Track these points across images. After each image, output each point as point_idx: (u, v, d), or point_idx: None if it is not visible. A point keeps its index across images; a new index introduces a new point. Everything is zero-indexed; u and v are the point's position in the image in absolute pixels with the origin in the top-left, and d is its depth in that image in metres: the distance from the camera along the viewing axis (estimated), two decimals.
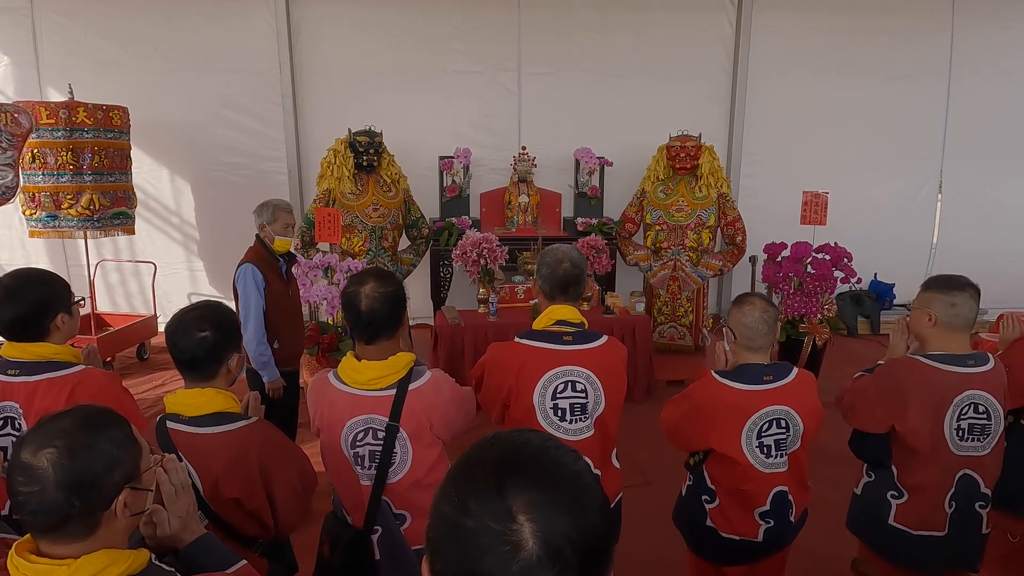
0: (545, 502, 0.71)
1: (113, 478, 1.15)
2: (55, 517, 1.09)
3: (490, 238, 4.93)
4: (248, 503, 1.69)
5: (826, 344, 4.93)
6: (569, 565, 0.69)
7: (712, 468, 2.13)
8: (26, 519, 1.11)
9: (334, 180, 5.32)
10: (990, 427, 2.12)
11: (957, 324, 2.12)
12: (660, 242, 5.76)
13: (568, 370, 2.11)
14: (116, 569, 1.11)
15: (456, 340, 4.73)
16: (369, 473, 1.88)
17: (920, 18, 6.69)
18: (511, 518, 0.70)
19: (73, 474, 1.10)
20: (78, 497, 1.10)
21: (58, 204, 5.07)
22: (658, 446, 3.57)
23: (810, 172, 6.47)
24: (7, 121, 4.17)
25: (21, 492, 1.10)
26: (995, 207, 7.03)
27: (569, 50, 6.55)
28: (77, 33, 6.01)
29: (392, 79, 6.38)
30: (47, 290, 2.03)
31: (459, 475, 0.77)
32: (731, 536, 2.11)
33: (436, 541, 0.74)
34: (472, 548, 0.70)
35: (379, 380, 1.86)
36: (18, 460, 1.12)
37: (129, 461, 1.18)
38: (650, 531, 2.83)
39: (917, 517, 2.17)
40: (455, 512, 0.73)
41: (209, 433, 1.68)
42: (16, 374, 1.94)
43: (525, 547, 0.68)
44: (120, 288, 6.50)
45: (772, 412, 2.02)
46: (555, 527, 0.69)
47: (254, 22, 6.21)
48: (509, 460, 0.76)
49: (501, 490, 0.71)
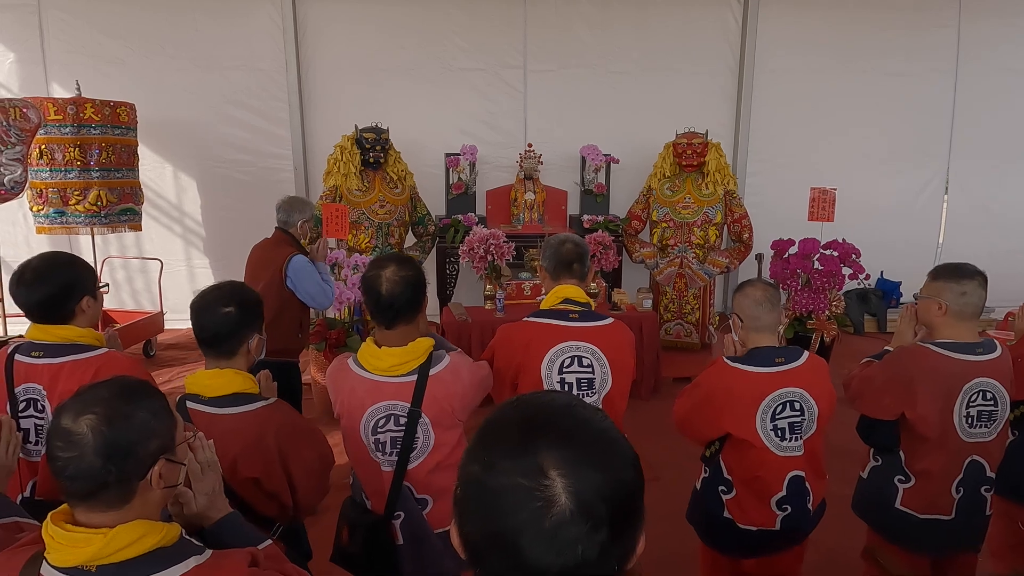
0: (575, 458, 0.70)
1: (149, 447, 1.16)
2: (92, 483, 1.11)
3: (497, 234, 4.92)
4: (267, 483, 1.70)
5: (834, 340, 4.92)
6: (602, 520, 0.68)
7: (728, 458, 2.13)
8: (64, 484, 1.13)
9: (341, 177, 5.32)
10: (997, 413, 2.13)
11: (967, 312, 2.12)
12: (666, 239, 5.75)
13: (574, 345, 2.15)
14: (151, 540, 1.12)
15: (463, 336, 4.73)
16: (391, 459, 1.88)
17: (926, 14, 6.67)
18: (542, 474, 0.69)
19: (111, 441, 1.12)
20: (115, 464, 1.11)
21: (65, 200, 5.08)
22: (666, 442, 3.56)
23: (816, 169, 6.46)
24: (16, 116, 4.18)
25: (60, 457, 1.12)
26: (1002, 204, 7.01)
27: (574, 47, 6.54)
28: (83, 30, 6.01)
29: (398, 76, 6.38)
30: (74, 273, 2.03)
31: (486, 435, 0.76)
32: (748, 527, 2.11)
33: (465, 502, 0.73)
34: (503, 506, 0.69)
35: (400, 367, 1.86)
36: (58, 426, 1.13)
37: (165, 432, 1.20)
38: (658, 526, 2.82)
39: (924, 501, 2.17)
40: (484, 471, 0.71)
41: (228, 414, 1.69)
42: (40, 356, 1.96)
43: (558, 502, 0.67)
44: (126, 285, 6.50)
45: (786, 394, 2.03)
46: (587, 482, 0.69)
47: (260, 19, 6.21)
48: (536, 419, 0.75)
49: (530, 447, 0.70)
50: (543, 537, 0.67)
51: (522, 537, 0.67)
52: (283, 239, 3.62)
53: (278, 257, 3.50)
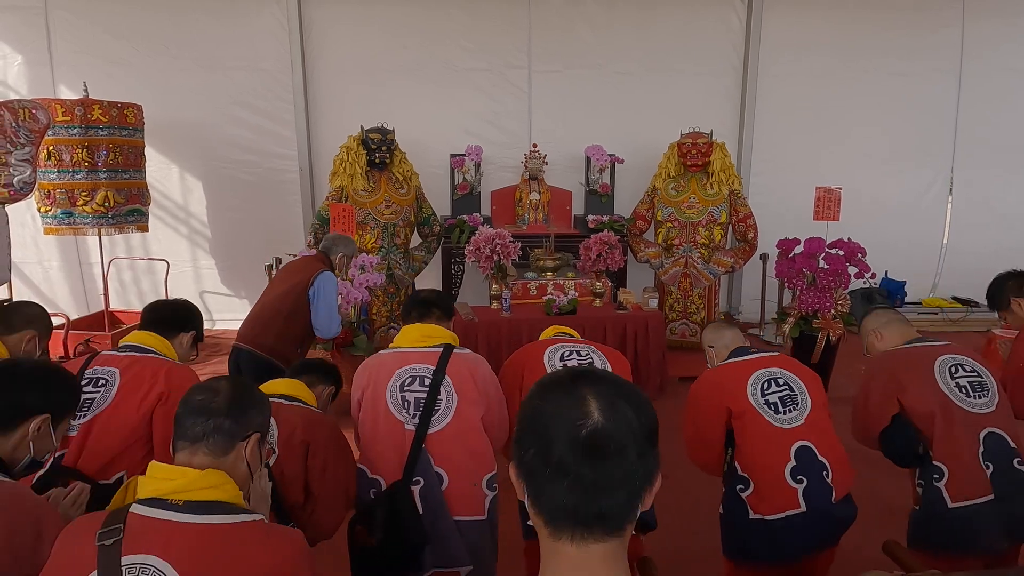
0: (608, 393, 0.91)
1: (256, 419, 1.46)
2: (210, 423, 1.37)
3: (503, 234, 4.94)
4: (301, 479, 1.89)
5: (840, 339, 4.92)
6: (624, 436, 0.88)
7: (739, 455, 2.18)
8: (187, 423, 1.38)
9: (347, 177, 5.34)
10: (986, 383, 2.23)
11: (897, 323, 2.45)
12: (671, 239, 5.76)
13: (573, 347, 2.45)
14: (231, 488, 1.34)
15: (469, 336, 4.74)
16: (413, 421, 2.01)
17: (929, 14, 6.68)
18: (582, 399, 0.90)
19: (238, 398, 1.44)
20: (233, 414, 1.40)
21: (73, 201, 5.10)
22: (673, 441, 3.56)
23: (820, 169, 6.46)
24: (25, 117, 4.20)
25: (195, 400, 1.40)
26: (1006, 203, 7.01)
27: (579, 48, 6.56)
28: (89, 31, 6.04)
29: (403, 77, 6.40)
30: (195, 312, 2.50)
31: (541, 385, 0.97)
32: (776, 516, 2.08)
33: (522, 428, 0.93)
34: (550, 422, 0.89)
35: (427, 339, 2.13)
36: (199, 385, 1.47)
37: (266, 420, 1.51)
38: (665, 523, 2.83)
39: (961, 485, 2.11)
40: (538, 402, 0.93)
41: (285, 404, 1.97)
42: (125, 350, 2.21)
43: (592, 416, 0.88)
44: (133, 286, 6.53)
45: (767, 373, 2.25)
46: (616, 408, 0.90)
47: (265, 20, 6.24)
48: (579, 372, 0.97)
49: (574, 386, 0.92)
50: (579, 443, 0.86)
51: (562, 443, 0.87)
52: (322, 259, 3.82)
53: (313, 267, 3.66)
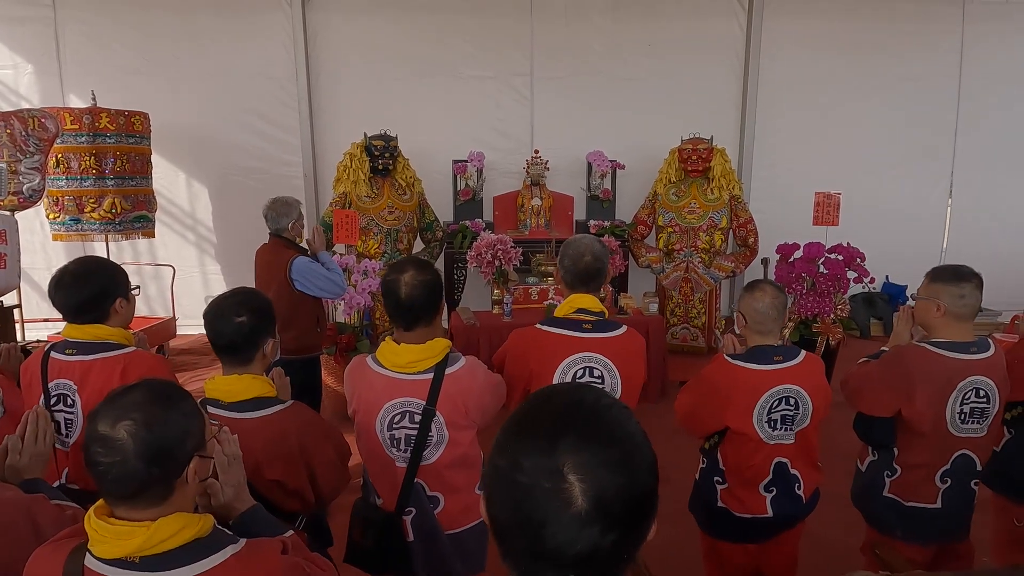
0: (596, 463, 0.75)
1: (186, 447, 1.23)
2: (135, 485, 1.17)
3: (505, 239, 4.99)
4: (290, 483, 1.75)
5: (840, 344, 4.95)
6: (616, 520, 0.75)
7: (725, 450, 2.22)
8: (106, 487, 1.18)
9: (350, 184, 5.39)
10: (989, 410, 2.19)
11: (964, 314, 2.17)
12: (672, 244, 5.80)
13: (587, 356, 2.18)
14: (189, 531, 1.19)
15: (471, 341, 4.78)
16: (404, 456, 1.92)
17: (930, 23, 6.72)
18: (562, 477, 0.75)
19: (152, 445, 1.17)
20: (157, 466, 1.17)
21: (81, 208, 5.18)
22: (673, 444, 3.59)
23: (820, 175, 6.47)
24: (34, 126, 4.28)
25: (101, 463, 1.16)
26: (1006, 208, 7.04)
27: (581, 55, 6.62)
28: (99, 41, 6.13)
29: (406, 84, 6.47)
30: (108, 276, 2.16)
31: (514, 430, 0.81)
32: (744, 515, 2.21)
33: (491, 489, 0.81)
34: (524, 501, 0.76)
35: (417, 363, 1.91)
36: (96, 433, 1.18)
37: (198, 431, 1.27)
38: (668, 526, 2.86)
39: (908, 489, 2.23)
40: (509, 467, 0.78)
41: (249, 418, 1.74)
42: (73, 353, 2.06)
43: (575, 504, 0.74)
44: (140, 291, 6.59)
45: (783, 391, 2.13)
46: (605, 486, 0.75)
47: (271, 29, 6.32)
48: (562, 418, 0.80)
49: (553, 451, 0.76)
50: (560, 530, 0.74)
51: (543, 528, 0.75)
52: (279, 244, 3.71)
53: (280, 263, 3.59)
